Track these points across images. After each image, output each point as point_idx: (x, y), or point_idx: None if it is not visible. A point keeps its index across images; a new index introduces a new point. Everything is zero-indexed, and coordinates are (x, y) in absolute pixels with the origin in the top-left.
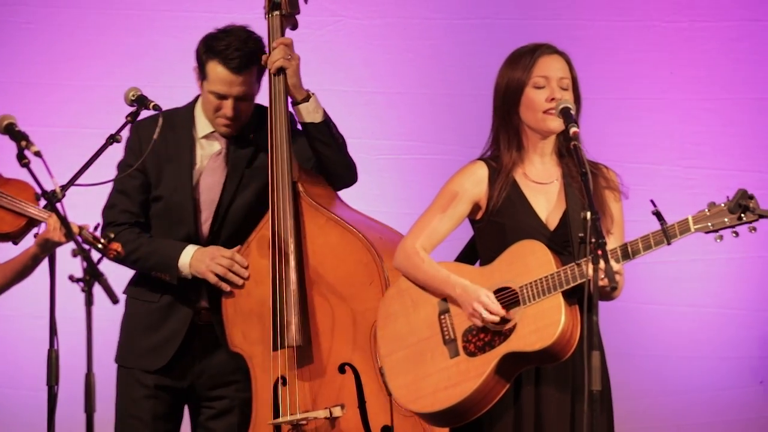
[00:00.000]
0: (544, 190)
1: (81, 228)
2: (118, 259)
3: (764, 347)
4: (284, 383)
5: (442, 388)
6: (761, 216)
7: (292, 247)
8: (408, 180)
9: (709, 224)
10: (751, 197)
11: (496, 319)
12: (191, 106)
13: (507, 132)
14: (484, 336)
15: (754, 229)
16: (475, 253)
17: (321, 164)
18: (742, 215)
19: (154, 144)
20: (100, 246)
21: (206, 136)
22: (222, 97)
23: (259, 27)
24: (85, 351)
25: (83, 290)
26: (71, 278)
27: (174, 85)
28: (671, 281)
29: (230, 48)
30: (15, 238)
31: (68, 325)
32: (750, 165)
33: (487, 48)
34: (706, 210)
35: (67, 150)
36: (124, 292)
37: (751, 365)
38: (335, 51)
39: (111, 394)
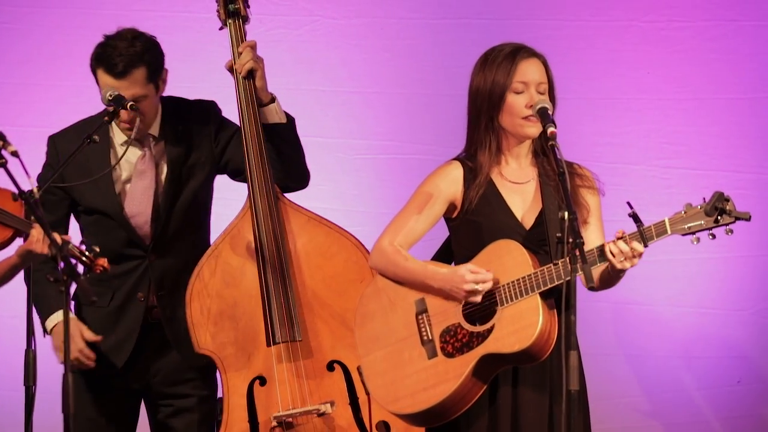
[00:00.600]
0: (520, 190)
1: (65, 242)
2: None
3: (742, 347)
4: (262, 383)
5: (420, 390)
6: (738, 218)
7: (281, 246)
8: (385, 179)
9: (686, 226)
10: (728, 199)
11: (490, 284)
12: (105, 113)
13: (485, 134)
14: (462, 337)
15: (731, 231)
16: (450, 253)
17: (283, 166)
18: (719, 218)
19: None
20: (85, 260)
21: (127, 142)
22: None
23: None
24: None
25: (61, 291)
26: (48, 278)
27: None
28: (649, 281)
29: (113, 54)
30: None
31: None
32: (726, 165)
33: (463, 48)
34: (683, 212)
35: (40, 150)
36: (73, 298)
37: (729, 365)
38: (312, 51)
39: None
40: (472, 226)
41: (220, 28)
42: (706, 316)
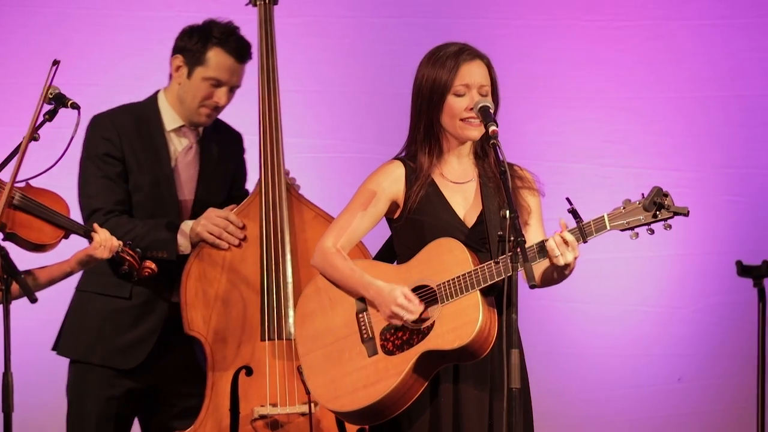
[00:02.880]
0: (461, 189)
1: (120, 245)
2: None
3: (682, 345)
4: (248, 373)
5: (360, 387)
6: (676, 213)
7: (287, 239)
8: (326, 179)
9: (625, 222)
10: (666, 194)
11: (415, 317)
12: (153, 99)
13: (426, 135)
14: (402, 334)
15: (669, 226)
16: (392, 253)
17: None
18: (658, 213)
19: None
20: (134, 263)
21: (174, 131)
22: (219, 84)
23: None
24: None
25: (0, 289)
26: None
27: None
28: (589, 279)
29: (233, 36)
30: (49, 249)
31: None
32: (666, 163)
33: (404, 47)
34: (622, 208)
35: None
36: (79, 288)
37: (670, 363)
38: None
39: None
40: (415, 225)
41: (246, 4)
42: (646, 315)
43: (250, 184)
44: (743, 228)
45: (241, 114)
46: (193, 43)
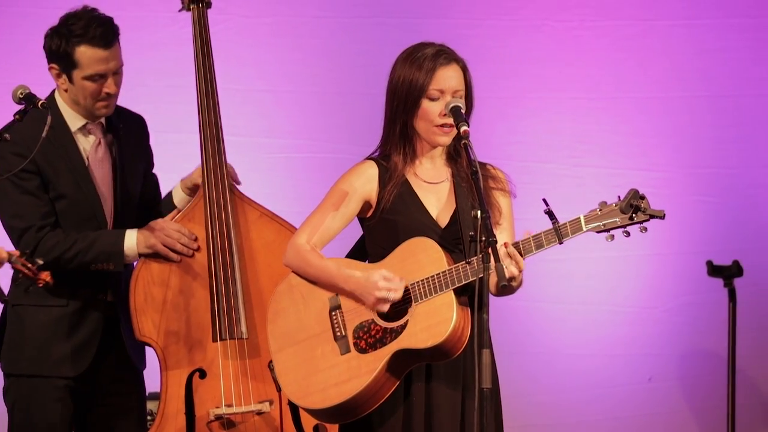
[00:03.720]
0: (434, 190)
1: (11, 254)
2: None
3: (653, 345)
4: (202, 376)
5: (332, 385)
6: (652, 216)
7: (234, 240)
8: (298, 179)
9: (601, 224)
10: (643, 197)
11: (400, 294)
12: (52, 102)
13: (399, 137)
14: (376, 333)
15: (645, 229)
16: (364, 252)
17: None
18: (634, 215)
19: (42, 142)
20: (29, 273)
21: (80, 130)
22: (101, 77)
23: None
24: None
25: None
26: None
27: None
28: (562, 279)
29: (91, 26)
30: None
31: None
32: (637, 163)
33: (376, 47)
34: (598, 210)
35: None
36: (12, 303)
37: (640, 363)
38: (224, 49)
39: None
40: (388, 224)
41: (180, 10)
42: (617, 315)
43: (180, 174)
44: (713, 228)
45: (182, 114)
46: (59, 46)
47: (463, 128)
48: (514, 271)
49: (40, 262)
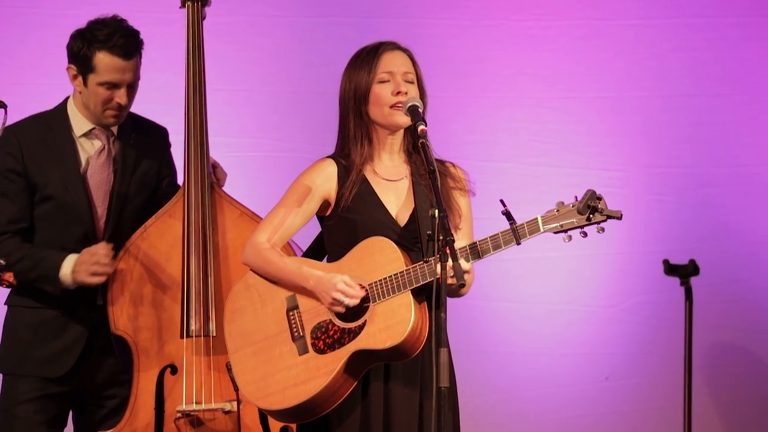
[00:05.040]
0: (393, 187)
1: None
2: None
3: (609, 344)
4: (173, 372)
5: (290, 385)
6: (609, 216)
7: (209, 238)
8: (252, 178)
9: (559, 224)
10: (600, 198)
11: (356, 301)
12: (62, 107)
13: (356, 129)
14: (334, 333)
15: (602, 229)
16: (322, 250)
17: None
18: (591, 216)
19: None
20: None
21: (85, 135)
22: (114, 86)
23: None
24: None
25: None
26: None
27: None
28: (517, 278)
29: (115, 35)
30: None
31: None
32: (594, 163)
33: (332, 46)
34: (555, 210)
35: None
36: (6, 303)
37: (597, 361)
38: (180, 48)
39: None
40: (347, 223)
41: (180, 7)
42: (574, 313)
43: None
44: (669, 227)
45: (169, 113)
46: (80, 49)
47: (421, 127)
48: (467, 265)
49: (2, 262)
